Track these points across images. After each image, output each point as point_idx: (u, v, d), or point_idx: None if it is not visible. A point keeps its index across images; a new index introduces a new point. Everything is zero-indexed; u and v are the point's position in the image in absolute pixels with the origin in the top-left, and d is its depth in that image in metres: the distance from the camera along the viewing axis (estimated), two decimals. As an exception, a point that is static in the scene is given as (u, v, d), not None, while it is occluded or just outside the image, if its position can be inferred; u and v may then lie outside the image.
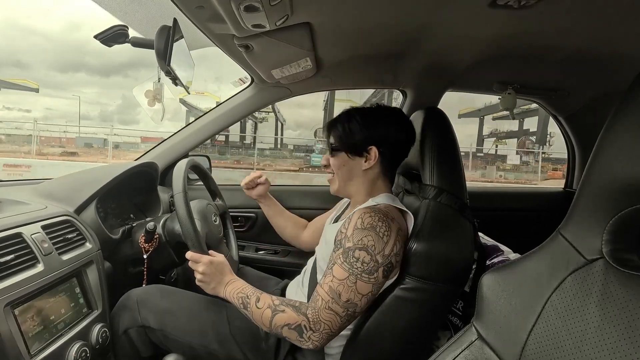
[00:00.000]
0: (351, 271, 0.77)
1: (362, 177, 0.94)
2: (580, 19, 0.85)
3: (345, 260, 0.78)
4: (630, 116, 0.39)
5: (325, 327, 0.77)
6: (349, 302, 0.77)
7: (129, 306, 0.96)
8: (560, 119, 1.73)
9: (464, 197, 0.89)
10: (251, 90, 1.47)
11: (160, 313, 0.94)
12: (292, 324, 0.78)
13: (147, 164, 1.30)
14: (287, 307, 0.80)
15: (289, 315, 0.78)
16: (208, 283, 0.90)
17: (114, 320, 0.96)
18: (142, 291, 0.99)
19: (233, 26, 0.82)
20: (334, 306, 0.77)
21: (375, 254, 0.77)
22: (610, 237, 0.41)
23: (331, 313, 0.77)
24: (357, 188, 0.95)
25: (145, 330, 0.94)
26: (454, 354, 0.54)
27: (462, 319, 1.00)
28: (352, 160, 0.92)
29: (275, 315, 0.79)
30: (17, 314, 0.71)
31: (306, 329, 0.77)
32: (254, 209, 1.59)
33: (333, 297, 0.77)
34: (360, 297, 0.78)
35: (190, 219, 0.91)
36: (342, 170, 0.94)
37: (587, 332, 0.40)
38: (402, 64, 1.27)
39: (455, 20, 0.89)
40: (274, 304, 0.81)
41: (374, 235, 0.78)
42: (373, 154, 0.90)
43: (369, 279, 0.77)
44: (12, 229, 0.79)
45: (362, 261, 0.77)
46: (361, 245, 0.78)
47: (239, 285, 0.88)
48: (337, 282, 0.77)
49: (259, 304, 0.82)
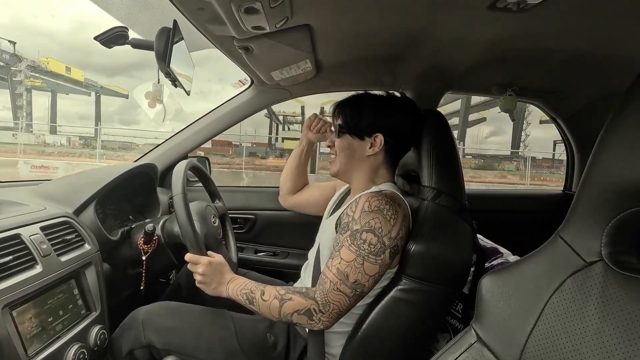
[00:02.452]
0: (358, 253, 0.78)
1: (364, 162, 0.93)
2: (579, 22, 0.85)
3: (352, 242, 0.79)
4: (629, 118, 0.39)
5: (334, 308, 0.78)
6: (357, 282, 0.78)
7: (134, 327, 0.94)
8: (559, 121, 1.74)
9: (462, 198, 0.89)
10: (251, 92, 1.47)
11: (165, 332, 0.92)
12: (302, 310, 0.79)
13: (146, 166, 1.30)
14: (294, 295, 0.81)
15: (297, 301, 0.79)
16: (208, 284, 0.90)
17: (117, 341, 0.94)
18: (147, 310, 0.97)
19: (233, 28, 0.82)
20: (342, 287, 0.78)
21: (382, 236, 0.78)
22: (609, 240, 0.41)
23: (340, 294, 0.78)
24: (358, 173, 0.95)
25: (150, 350, 0.92)
26: (453, 356, 0.54)
27: (462, 321, 0.99)
28: (356, 144, 0.92)
29: (284, 304, 0.80)
30: (15, 315, 0.71)
31: (316, 312, 0.78)
32: (253, 210, 1.60)
33: (341, 278, 0.78)
34: (368, 278, 0.78)
35: (189, 220, 0.90)
36: (345, 153, 0.94)
37: (586, 334, 0.40)
38: (402, 66, 1.27)
39: (455, 23, 0.90)
40: (280, 294, 0.81)
41: (381, 217, 0.79)
42: (379, 141, 0.90)
43: (376, 260, 0.78)
44: (10, 230, 0.78)
45: (369, 243, 0.78)
46: (368, 228, 0.78)
47: (241, 282, 0.88)
48: (345, 264, 0.78)
49: (264, 296, 0.82)
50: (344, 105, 0.95)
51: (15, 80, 21.33)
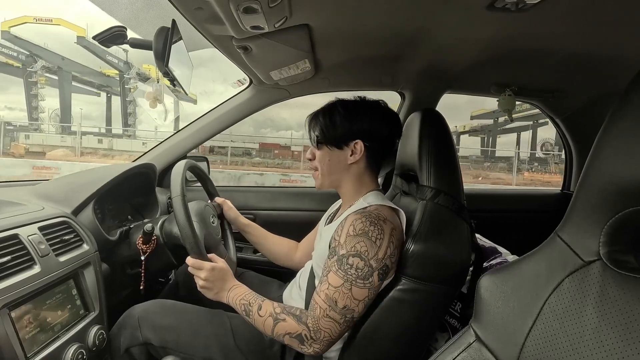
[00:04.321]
0: (345, 278, 0.77)
1: (347, 171, 0.93)
2: (578, 22, 0.85)
3: (339, 267, 0.78)
4: (627, 118, 0.39)
5: (325, 335, 0.78)
6: (346, 308, 0.77)
7: (130, 324, 0.94)
8: (557, 120, 1.74)
9: (461, 198, 0.89)
10: (249, 91, 1.47)
11: (161, 330, 0.92)
12: (293, 333, 0.79)
13: (145, 165, 1.30)
14: (288, 316, 0.80)
15: (290, 324, 0.79)
16: (210, 289, 0.89)
17: (114, 339, 0.94)
18: (142, 308, 0.97)
19: (232, 28, 0.82)
20: (332, 314, 0.77)
21: (369, 259, 0.77)
22: (608, 239, 0.41)
23: (330, 321, 0.77)
24: (343, 183, 0.94)
25: (148, 348, 0.92)
26: (452, 355, 0.54)
27: (460, 320, 1.00)
28: (336, 154, 0.91)
29: (277, 324, 0.80)
30: (14, 316, 0.71)
31: (307, 338, 0.78)
32: (252, 210, 1.60)
33: (330, 304, 0.77)
34: (357, 302, 0.78)
35: (189, 224, 0.90)
36: (327, 164, 0.93)
37: (584, 334, 0.40)
38: (401, 66, 1.27)
39: (454, 23, 0.90)
40: (275, 312, 0.81)
41: (366, 240, 0.78)
42: (359, 148, 0.89)
43: (364, 284, 0.77)
44: (8, 230, 0.78)
45: (356, 267, 0.77)
46: (354, 252, 0.77)
47: (242, 292, 0.88)
48: (333, 290, 0.78)
49: (260, 311, 0.83)
50: (317, 116, 0.94)
51: (126, 88, 21.38)
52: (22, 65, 20.18)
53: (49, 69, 20.58)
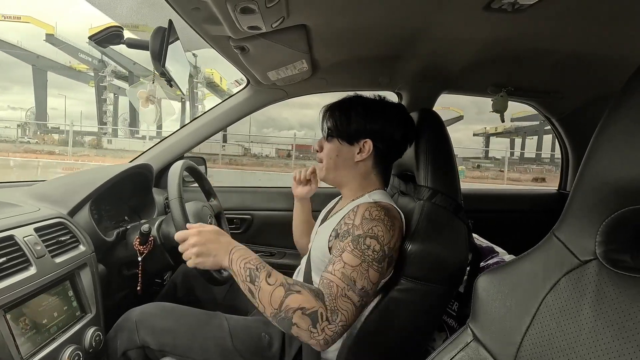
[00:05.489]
0: (363, 258, 0.73)
1: (353, 168, 0.92)
2: (574, 22, 0.86)
3: (356, 247, 0.74)
4: (623, 118, 0.39)
5: (341, 318, 0.69)
6: (364, 289, 0.72)
7: (127, 327, 0.93)
8: (553, 120, 1.75)
9: (458, 198, 0.90)
10: (247, 92, 1.47)
11: (159, 333, 0.91)
12: (308, 309, 0.67)
13: (141, 166, 1.29)
14: (304, 289, 0.70)
15: (306, 297, 0.68)
16: (206, 255, 0.76)
17: (111, 342, 0.93)
18: (140, 311, 0.96)
19: (229, 28, 0.82)
20: (350, 293, 0.71)
21: (384, 244, 0.76)
22: (604, 239, 0.41)
23: (348, 302, 0.70)
24: (347, 179, 0.94)
25: (145, 351, 0.92)
26: (450, 355, 0.54)
27: (458, 320, 1.00)
28: (345, 149, 0.91)
29: (289, 295, 0.68)
30: (9, 317, 0.71)
31: (322, 319, 0.67)
32: (249, 210, 1.59)
33: (348, 283, 0.71)
34: (372, 285, 0.74)
35: (186, 224, 0.90)
36: (333, 158, 0.92)
37: (581, 333, 0.40)
38: (398, 66, 1.27)
39: (450, 23, 0.90)
40: (288, 283, 0.71)
41: (382, 226, 0.77)
42: (367, 147, 0.89)
43: (378, 268, 0.75)
44: (4, 232, 0.78)
45: (373, 249, 0.75)
46: (372, 234, 0.76)
47: (247, 255, 0.75)
48: (350, 269, 0.72)
49: (269, 279, 0.70)
50: (333, 108, 0.93)
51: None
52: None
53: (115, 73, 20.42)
